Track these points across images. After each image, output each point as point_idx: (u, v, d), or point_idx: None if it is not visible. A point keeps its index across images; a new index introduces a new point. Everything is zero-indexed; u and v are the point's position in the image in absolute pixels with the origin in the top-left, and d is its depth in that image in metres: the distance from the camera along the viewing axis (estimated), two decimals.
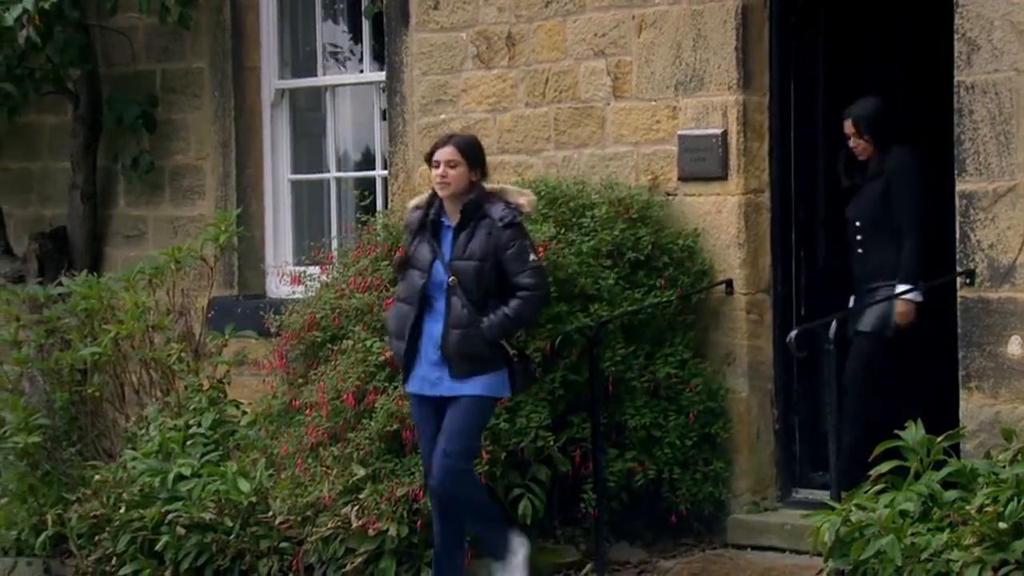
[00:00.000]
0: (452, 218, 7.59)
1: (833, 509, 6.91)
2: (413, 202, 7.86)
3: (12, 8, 10.17)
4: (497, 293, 7.52)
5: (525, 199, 7.66)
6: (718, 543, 8.55)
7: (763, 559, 8.21)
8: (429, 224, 7.61)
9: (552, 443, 8.16)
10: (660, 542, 8.63)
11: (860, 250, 8.51)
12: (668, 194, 8.93)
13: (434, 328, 7.53)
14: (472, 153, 7.60)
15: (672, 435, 8.43)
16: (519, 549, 7.60)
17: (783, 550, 8.23)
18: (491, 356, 7.49)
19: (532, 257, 7.53)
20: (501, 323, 7.47)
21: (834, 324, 7.68)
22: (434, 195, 7.64)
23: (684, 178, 8.88)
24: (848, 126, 8.48)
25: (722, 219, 8.74)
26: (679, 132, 8.89)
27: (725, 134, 8.72)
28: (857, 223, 8.54)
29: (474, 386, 7.49)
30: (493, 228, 7.50)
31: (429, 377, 7.56)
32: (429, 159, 7.64)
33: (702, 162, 8.77)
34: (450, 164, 7.54)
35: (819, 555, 7.05)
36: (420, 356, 7.58)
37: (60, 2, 10.38)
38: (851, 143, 8.50)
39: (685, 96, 8.88)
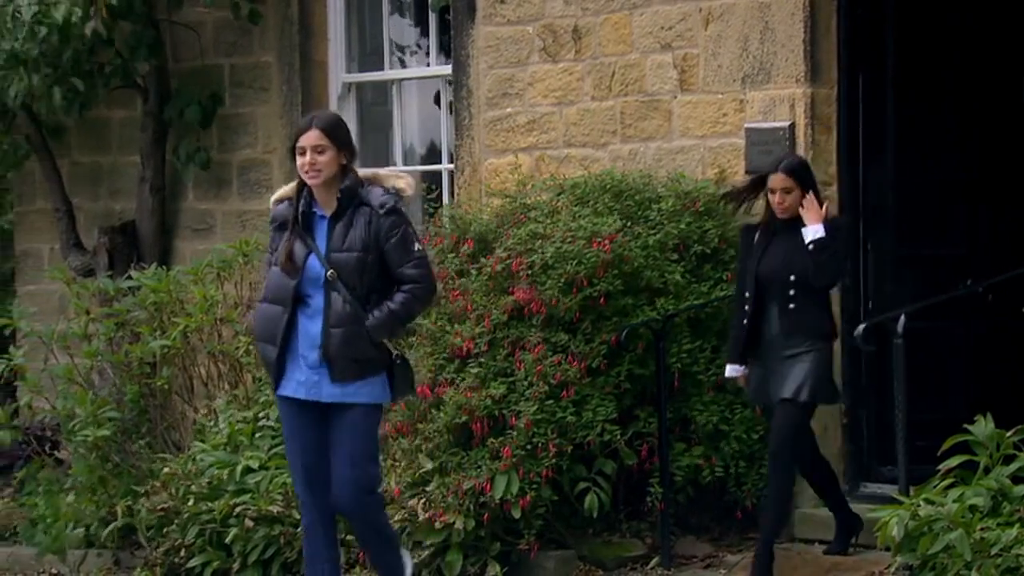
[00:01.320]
0: (326, 208, 6.89)
1: (901, 503, 6.87)
2: (277, 194, 7.10)
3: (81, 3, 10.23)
4: (380, 287, 6.86)
5: (405, 182, 6.98)
6: (785, 537, 8.51)
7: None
8: (300, 217, 6.88)
9: (619, 437, 8.16)
10: (726, 536, 8.61)
11: (792, 305, 7.78)
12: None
13: (311, 328, 6.83)
14: (339, 134, 6.92)
15: (738, 429, 8.41)
16: (408, 565, 7.13)
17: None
18: (377, 357, 6.86)
19: (417, 247, 6.88)
20: (387, 320, 6.81)
21: (902, 319, 7.62)
22: (302, 185, 6.91)
23: (751, 171, 8.82)
24: (780, 180, 7.79)
25: None
26: (746, 125, 8.86)
27: (793, 127, 8.67)
28: (792, 277, 7.75)
29: (361, 393, 6.84)
30: (373, 216, 6.82)
31: (307, 381, 6.86)
32: (293, 147, 6.93)
33: (769, 155, 8.71)
34: (317, 150, 6.82)
35: (887, 550, 7.01)
36: (295, 360, 6.87)
37: None
38: (777, 199, 7.80)
39: (752, 89, 8.85)
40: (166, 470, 9.16)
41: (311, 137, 6.85)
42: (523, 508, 7.96)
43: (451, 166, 10.48)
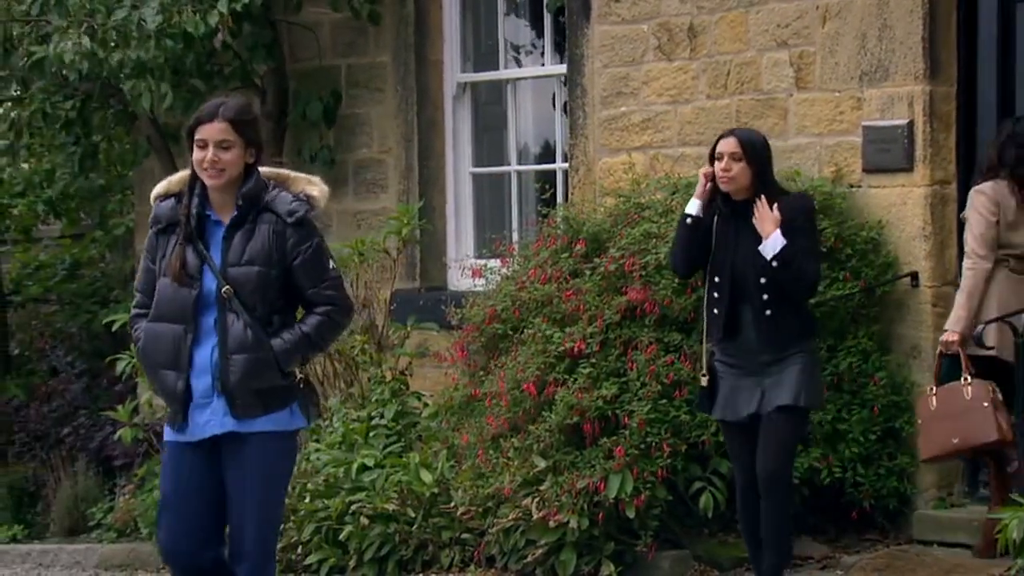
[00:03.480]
0: (221, 212, 5.87)
1: (1022, 506, 6.78)
2: (160, 188, 6.03)
3: (209, 15, 10.34)
4: (282, 308, 5.91)
5: (318, 189, 6.01)
6: (903, 539, 8.43)
7: (949, 556, 8.08)
8: (191, 219, 5.85)
9: None
10: (843, 537, 8.54)
11: (768, 311, 7.07)
12: (852, 186, 8.82)
13: (201, 353, 5.81)
14: (249, 129, 5.89)
15: (856, 429, 8.33)
16: None
17: (970, 546, 8.08)
18: (283, 386, 5.89)
19: (332, 264, 5.97)
20: (300, 344, 5.88)
21: None
22: (194, 180, 5.88)
23: (868, 169, 8.76)
24: (730, 144, 7.12)
25: (907, 211, 8.61)
26: (863, 123, 8.78)
27: (911, 125, 8.58)
28: (762, 280, 7.04)
29: (264, 422, 5.86)
30: (279, 225, 5.83)
31: (199, 418, 5.85)
32: (191, 135, 5.86)
33: (887, 153, 8.65)
34: (222, 145, 5.80)
35: (1007, 553, 6.92)
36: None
37: (250, 1, 10.54)
38: (723, 165, 7.09)
39: (870, 87, 8.76)
40: None
41: (216, 130, 5.81)
42: (637, 508, 7.94)
43: (565, 166, 10.47)
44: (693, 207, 7.20)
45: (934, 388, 7.69)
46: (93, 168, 12.82)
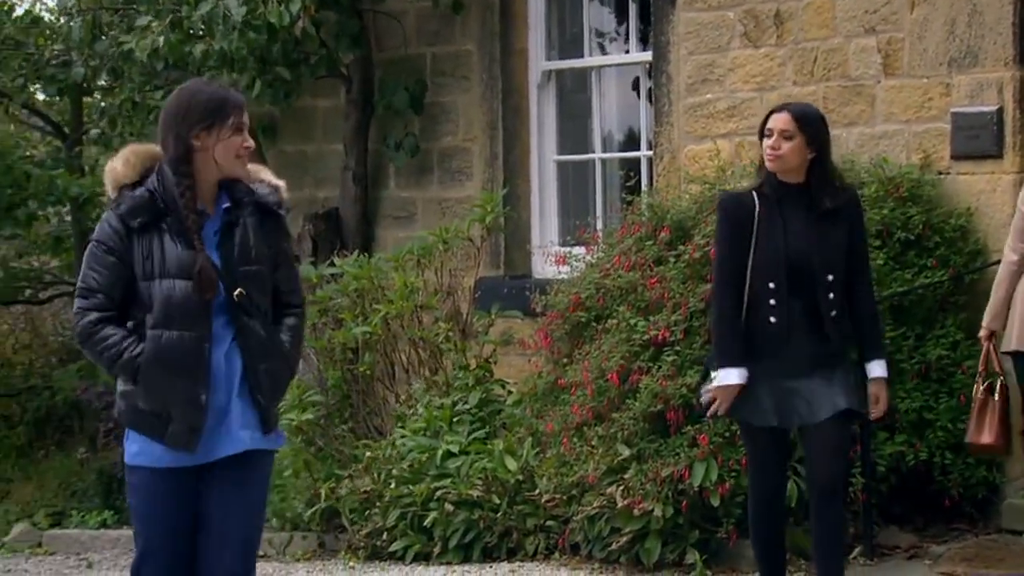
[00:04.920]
0: (207, 202, 5.25)
1: None
2: (121, 170, 5.25)
3: (292, 3, 10.39)
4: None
5: (282, 182, 5.44)
6: (992, 528, 8.35)
7: None
8: (189, 217, 5.19)
9: None
10: (931, 527, 8.47)
11: (834, 312, 6.40)
12: (940, 173, 8.74)
13: (214, 362, 5.18)
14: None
15: (943, 418, 8.26)
16: None
17: None
18: None
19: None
20: (299, 346, 5.44)
21: None
22: (183, 170, 5.19)
23: (957, 156, 8.68)
24: (782, 120, 6.40)
25: (996, 198, 8.53)
26: (952, 110, 8.69)
27: (1000, 111, 8.49)
28: (830, 277, 6.39)
29: (271, 439, 5.33)
30: (269, 220, 5.31)
31: (214, 436, 5.19)
32: (212, 119, 5.18)
33: (976, 140, 8.57)
34: (249, 129, 5.32)
35: None
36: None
37: None
38: (772, 143, 6.38)
39: (959, 73, 8.68)
40: (368, 454, 9.29)
41: (245, 114, 5.26)
42: (722, 496, 7.91)
43: (649, 153, 10.45)
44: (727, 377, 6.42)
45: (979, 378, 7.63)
46: None
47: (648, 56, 10.39)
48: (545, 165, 11.14)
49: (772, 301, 6.34)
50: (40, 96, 14.98)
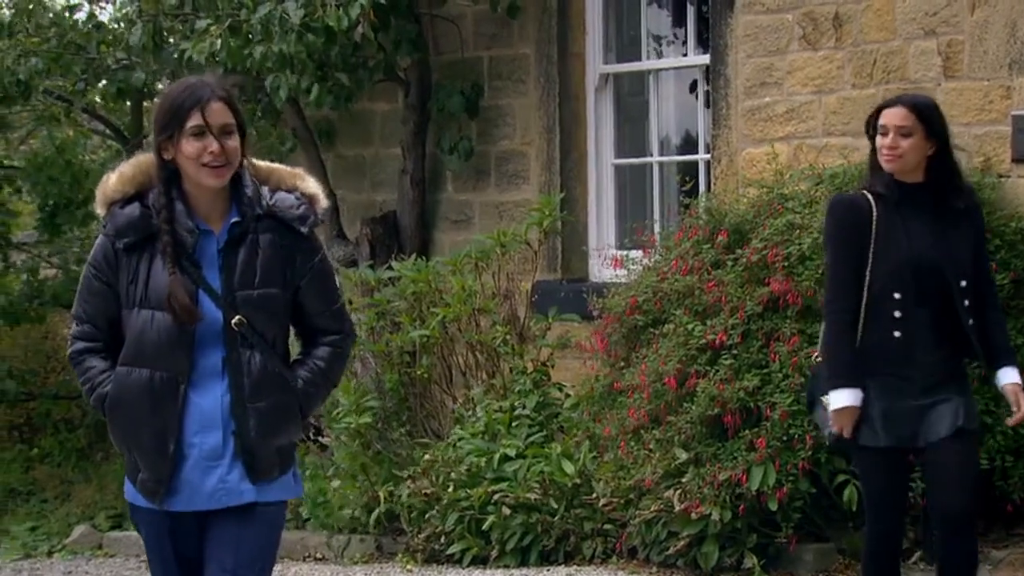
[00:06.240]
0: (209, 219, 4.69)
1: None
2: (114, 185, 4.69)
3: (351, 7, 10.43)
4: (285, 339, 4.83)
5: (312, 184, 4.82)
6: None
7: None
8: (178, 234, 4.64)
9: None
10: (992, 532, 8.41)
11: (972, 321, 5.93)
12: (1000, 176, 8.69)
13: (206, 403, 4.65)
14: (238, 110, 4.74)
15: (1004, 423, 8.20)
16: None
17: None
18: (298, 438, 4.86)
19: (337, 285, 4.97)
20: (321, 385, 4.81)
21: None
22: (169, 180, 4.65)
23: (1018, 159, 8.62)
24: (897, 115, 5.97)
25: None
26: (1013, 112, 8.64)
27: None
28: (963, 283, 5.92)
29: (277, 489, 4.77)
30: (286, 236, 4.71)
31: (202, 483, 4.66)
32: (172, 124, 4.62)
33: None
34: (226, 130, 4.63)
35: None
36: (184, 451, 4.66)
37: None
38: (889, 141, 5.94)
39: (1020, 75, 8.62)
40: (426, 457, 9.30)
41: (218, 111, 4.60)
42: (780, 500, 7.89)
43: (707, 156, 10.43)
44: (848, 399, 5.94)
45: None
46: None
47: (706, 59, 10.37)
48: (602, 168, 11.13)
49: (897, 313, 5.83)
50: (98, 99, 15.07)
